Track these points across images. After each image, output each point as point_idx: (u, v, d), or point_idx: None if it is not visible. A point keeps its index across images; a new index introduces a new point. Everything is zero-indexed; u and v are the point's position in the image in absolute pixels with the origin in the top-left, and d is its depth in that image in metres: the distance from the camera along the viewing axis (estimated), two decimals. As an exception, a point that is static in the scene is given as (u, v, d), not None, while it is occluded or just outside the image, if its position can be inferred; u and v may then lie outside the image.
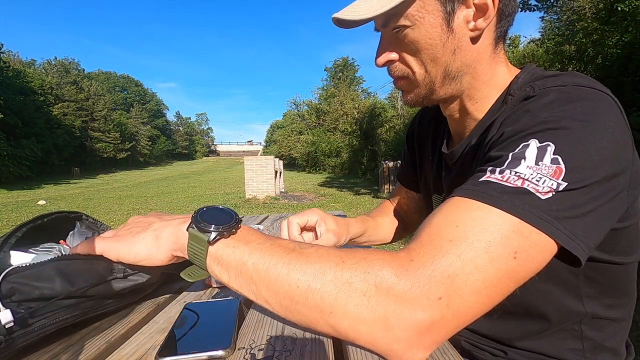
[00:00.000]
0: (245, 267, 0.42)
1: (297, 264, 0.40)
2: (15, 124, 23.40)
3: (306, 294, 0.39)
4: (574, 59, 7.82)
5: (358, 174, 18.56)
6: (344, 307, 0.38)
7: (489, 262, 0.37)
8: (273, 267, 0.41)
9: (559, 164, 0.40)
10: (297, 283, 0.39)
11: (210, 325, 0.52)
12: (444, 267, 0.37)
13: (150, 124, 58.35)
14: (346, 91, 24.86)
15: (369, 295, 0.37)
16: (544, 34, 10.51)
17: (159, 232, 0.49)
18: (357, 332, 0.38)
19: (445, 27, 0.52)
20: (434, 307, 0.36)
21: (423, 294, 0.36)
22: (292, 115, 38.48)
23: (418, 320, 0.36)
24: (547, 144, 0.42)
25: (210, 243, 0.44)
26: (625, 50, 6.22)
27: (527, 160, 0.41)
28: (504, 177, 0.41)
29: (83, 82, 39.66)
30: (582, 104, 0.44)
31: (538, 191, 0.39)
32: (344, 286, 0.38)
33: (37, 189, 18.03)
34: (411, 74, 0.57)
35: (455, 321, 0.38)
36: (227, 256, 0.44)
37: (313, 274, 0.39)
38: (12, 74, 26.81)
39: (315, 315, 0.39)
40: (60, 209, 0.71)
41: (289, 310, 0.41)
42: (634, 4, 5.75)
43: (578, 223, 0.40)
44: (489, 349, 0.63)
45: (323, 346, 0.46)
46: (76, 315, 0.52)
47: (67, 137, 31.90)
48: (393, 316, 0.37)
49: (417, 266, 0.38)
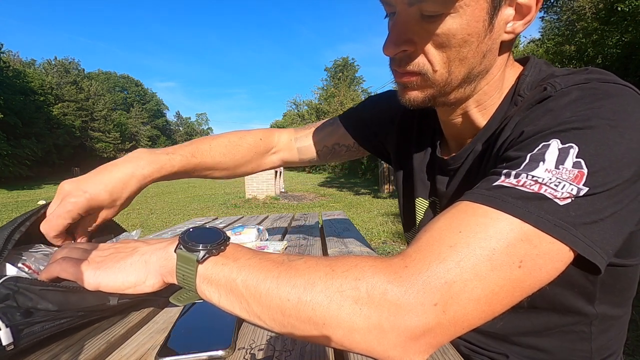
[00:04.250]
0: (234, 284, 0.41)
1: (286, 277, 0.39)
2: (15, 124, 23.41)
3: (297, 307, 0.38)
4: (574, 59, 7.82)
5: (358, 174, 18.56)
6: (337, 317, 0.36)
7: (491, 270, 0.35)
8: (262, 282, 0.40)
9: (581, 168, 0.37)
10: (287, 297, 0.38)
11: (210, 325, 0.52)
12: (440, 274, 0.35)
13: (150, 124, 58.36)
14: (346, 91, 24.86)
15: (362, 303, 0.36)
16: (544, 34, 10.51)
17: (147, 256, 0.46)
18: (352, 341, 0.37)
19: (487, 25, 0.45)
20: (428, 313, 0.35)
21: (417, 300, 0.35)
22: (292, 115, 38.50)
23: (412, 326, 0.35)
24: (570, 146, 0.38)
25: (199, 262, 0.42)
26: (625, 50, 6.23)
27: (546, 162, 0.38)
28: (519, 181, 0.38)
29: (83, 82, 39.67)
30: (610, 101, 0.40)
31: (556, 197, 0.36)
32: (335, 295, 0.37)
33: (37, 189, 18.04)
34: (430, 71, 0.48)
35: (452, 328, 0.36)
36: (217, 274, 0.42)
37: (303, 286, 0.38)
38: (12, 74, 26.81)
39: (308, 328, 0.38)
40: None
41: (282, 325, 0.39)
42: (634, 4, 5.75)
43: (597, 229, 0.37)
44: (488, 353, 0.61)
45: (323, 346, 0.46)
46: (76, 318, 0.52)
47: (67, 137, 31.91)
48: (387, 323, 0.35)
49: (412, 272, 0.36)
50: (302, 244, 1.13)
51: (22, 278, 0.50)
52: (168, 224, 6.58)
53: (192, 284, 0.43)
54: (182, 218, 7.19)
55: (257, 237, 1.08)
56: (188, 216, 7.39)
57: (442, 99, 0.53)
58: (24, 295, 0.48)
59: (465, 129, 0.59)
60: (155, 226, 6.41)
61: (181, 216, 7.50)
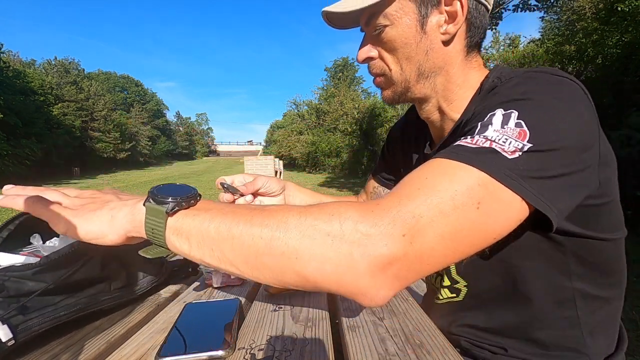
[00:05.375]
0: (207, 232, 0.42)
1: (259, 219, 0.41)
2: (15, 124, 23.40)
3: (270, 244, 0.39)
4: (574, 59, 7.82)
5: (358, 174, 18.55)
6: (309, 250, 0.38)
7: (453, 209, 0.39)
8: (235, 226, 0.41)
9: (522, 127, 0.44)
10: (260, 235, 0.40)
11: (210, 325, 0.52)
12: (409, 209, 0.39)
13: (150, 124, 58.33)
14: (346, 91, 24.84)
15: (334, 235, 0.38)
16: (544, 34, 10.50)
17: (115, 211, 0.46)
18: (323, 274, 0.39)
19: (419, 29, 0.58)
20: (396, 243, 0.38)
21: (387, 230, 0.38)
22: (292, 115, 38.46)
23: (380, 254, 0.37)
24: (511, 111, 0.45)
25: (168, 214, 0.43)
26: (625, 50, 6.21)
27: (493, 125, 0.45)
28: (473, 140, 0.45)
29: (83, 82, 39.64)
30: (545, 82, 0.48)
31: (504, 150, 0.42)
32: (308, 229, 0.39)
33: (37, 189, 18.00)
34: (388, 71, 0.62)
35: (418, 261, 0.39)
36: (187, 225, 0.43)
37: (276, 224, 0.40)
38: (12, 74, 26.80)
39: (280, 264, 0.40)
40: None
41: (254, 266, 0.41)
42: (634, 4, 5.74)
43: (546, 185, 0.42)
44: (488, 347, 0.63)
45: (323, 346, 0.46)
46: (72, 312, 0.52)
47: (67, 137, 31.89)
48: (357, 252, 0.38)
49: (383, 208, 0.39)
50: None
51: (11, 266, 0.50)
52: (168, 224, 6.56)
53: (161, 236, 0.43)
54: (182, 218, 7.17)
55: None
56: (188, 216, 7.37)
57: (409, 94, 0.64)
58: (17, 282, 0.48)
59: (444, 125, 0.67)
60: (155, 226, 6.40)
61: (181, 216, 7.47)
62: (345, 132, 20.48)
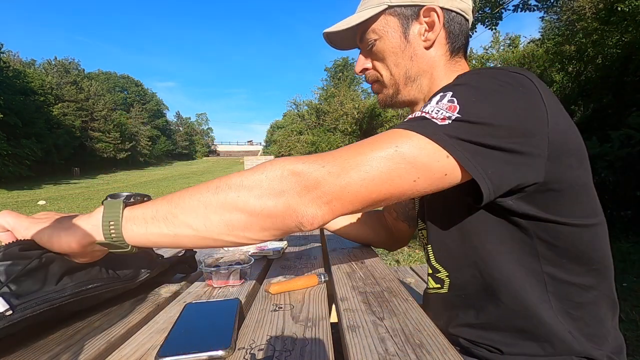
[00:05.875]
0: (161, 207, 0.50)
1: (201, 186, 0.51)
2: (15, 124, 23.40)
3: (216, 193, 0.49)
4: (574, 59, 7.81)
5: (358, 174, 18.52)
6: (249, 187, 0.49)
7: (371, 150, 0.49)
8: (184, 195, 0.50)
9: (453, 103, 0.50)
10: (207, 190, 0.50)
11: (210, 325, 0.52)
12: (338, 153, 0.50)
13: (150, 124, 58.33)
14: (346, 91, 24.83)
15: (268, 170, 0.49)
16: (544, 34, 10.50)
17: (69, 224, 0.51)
18: (262, 202, 0.48)
19: (403, 39, 0.68)
20: (315, 166, 0.49)
21: (311, 164, 0.49)
22: (292, 116, 38.43)
23: (301, 172, 0.48)
24: (447, 92, 0.52)
25: (125, 204, 0.51)
26: (625, 50, 6.21)
27: (431, 103, 0.53)
28: (412, 116, 0.53)
29: (83, 82, 39.65)
30: (491, 74, 0.54)
31: (434, 117, 0.49)
32: (247, 173, 0.50)
33: (37, 189, 18.04)
34: (380, 77, 0.73)
35: (337, 186, 0.48)
36: (142, 211, 0.50)
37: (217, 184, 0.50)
38: (12, 74, 26.80)
39: (226, 205, 0.49)
40: (60, 209, 0.72)
41: (207, 219, 0.49)
42: (634, 4, 5.74)
43: (475, 149, 0.48)
44: (485, 345, 0.64)
45: (323, 346, 0.46)
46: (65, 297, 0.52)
47: (67, 137, 31.89)
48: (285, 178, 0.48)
49: (317, 155, 0.50)
50: (302, 243, 1.13)
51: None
52: (168, 224, 6.56)
53: (118, 227, 0.49)
54: (182, 218, 7.17)
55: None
56: (188, 216, 7.37)
57: (399, 97, 0.73)
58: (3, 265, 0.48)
59: None
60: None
61: (181, 216, 7.47)
62: (345, 132, 20.46)
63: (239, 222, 0.49)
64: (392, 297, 0.62)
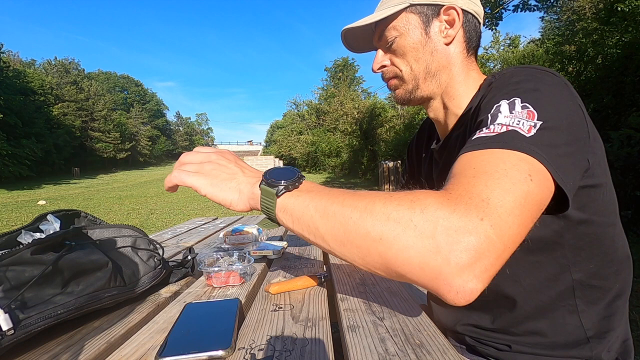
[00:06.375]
0: (307, 209, 0.48)
1: (350, 201, 0.46)
2: (15, 124, 23.39)
3: (357, 224, 0.43)
4: (574, 59, 7.81)
5: (358, 174, 18.55)
6: (393, 232, 0.40)
7: (512, 184, 0.42)
8: (330, 206, 0.46)
9: (529, 109, 0.49)
10: (350, 215, 0.44)
11: (210, 325, 0.52)
12: (476, 194, 0.41)
13: (150, 124, 58.32)
14: (346, 91, 24.83)
15: (416, 221, 0.40)
16: (544, 34, 10.51)
17: (241, 187, 0.55)
18: (406, 258, 0.40)
19: (424, 34, 0.69)
20: (478, 229, 0.38)
21: (466, 217, 0.39)
22: (292, 115, 38.45)
23: (467, 242, 0.38)
24: (514, 99, 0.51)
25: (277, 196, 0.51)
26: (625, 50, 6.20)
27: (502, 113, 0.50)
28: (490, 129, 0.49)
29: (83, 82, 39.64)
30: (532, 73, 0.55)
31: (522, 130, 0.46)
32: (392, 214, 0.41)
33: (37, 189, 18.03)
34: (399, 72, 0.73)
35: (500, 243, 0.39)
36: (292, 204, 0.50)
37: (364, 207, 0.44)
38: (12, 74, 26.80)
39: (366, 244, 0.43)
40: (60, 208, 0.72)
41: (343, 243, 0.45)
42: (634, 4, 5.74)
43: (561, 161, 0.46)
44: (493, 344, 0.64)
45: (323, 346, 0.46)
46: (72, 310, 0.52)
47: (67, 137, 31.88)
48: (441, 239, 0.38)
49: (455, 196, 0.41)
50: (302, 243, 1.13)
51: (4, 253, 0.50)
52: (168, 224, 6.57)
53: (272, 212, 0.52)
54: (182, 218, 7.19)
55: (257, 237, 1.08)
56: (188, 216, 7.38)
57: (419, 92, 0.73)
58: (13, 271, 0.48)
59: (448, 121, 0.74)
60: (155, 226, 6.40)
61: (181, 216, 7.49)
62: (345, 132, 20.47)
63: (375, 264, 0.43)
64: (392, 297, 0.62)
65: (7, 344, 0.44)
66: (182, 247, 1.18)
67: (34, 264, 0.51)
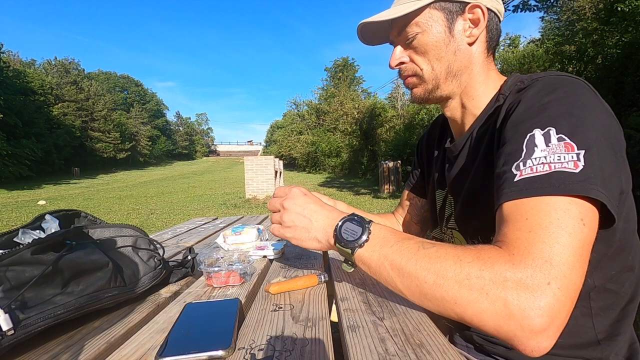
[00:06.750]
0: (383, 266, 0.52)
1: (423, 263, 0.48)
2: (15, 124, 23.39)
3: (433, 289, 0.47)
4: (574, 59, 7.82)
5: (358, 174, 18.54)
6: (466, 299, 0.44)
7: (568, 236, 0.42)
8: (405, 265, 0.50)
9: (565, 140, 0.47)
10: (424, 279, 0.47)
11: (210, 325, 0.52)
12: (538, 253, 0.42)
13: (150, 124, 58.27)
14: (346, 91, 24.83)
15: (487, 289, 0.42)
16: (544, 34, 10.50)
17: (319, 237, 0.61)
18: (481, 321, 0.43)
19: (448, 33, 0.67)
20: (547, 293, 0.40)
21: (534, 283, 0.41)
22: (292, 115, 38.45)
23: (537, 307, 0.40)
24: (549, 129, 0.49)
25: (353, 254, 0.56)
26: (625, 50, 6.21)
27: (538, 146, 0.49)
28: (532, 169, 0.48)
29: (83, 82, 39.62)
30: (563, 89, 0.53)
31: (567, 168, 0.46)
32: (464, 282, 0.44)
33: (37, 189, 18.02)
34: (419, 71, 0.70)
35: (569, 301, 0.41)
36: (368, 259, 0.54)
37: (436, 272, 0.46)
38: (12, 74, 26.79)
39: (442, 305, 0.46)
40: (59, 208, 0.72)
41: (420, 300, 0.49)
42: (634, 4, 5.74)
43: (609, 183, 0.46)
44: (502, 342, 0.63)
45: (323, 346, 0.46)
46: (72, 310, 0.52)
47: (67, 137, 31.87)
48: (513, 306, 0.41)
49: (519, 259, 0.42)
50: (302, 244, 1.13)
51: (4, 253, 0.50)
52: (168, 224, 6.57)
53: (351, 266, 0.59)
54: (182, 218, 7.18)
55: (257, 237, 1.08)
56: (188, 216, 7.38)
57: (438, 92, 0.71)
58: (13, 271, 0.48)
59: (465, 120, 0.73)
60: (155, 226, 6.40)
61: (181, 216, 7.48)
62: (345, 132, 20.46)
63: (452, 317, 0.47)
64: (392, 297, 0.62)
65: (7, 344, 0.44)
66: (182, 247, 1.18)
67: (34, 264, 0.50)
